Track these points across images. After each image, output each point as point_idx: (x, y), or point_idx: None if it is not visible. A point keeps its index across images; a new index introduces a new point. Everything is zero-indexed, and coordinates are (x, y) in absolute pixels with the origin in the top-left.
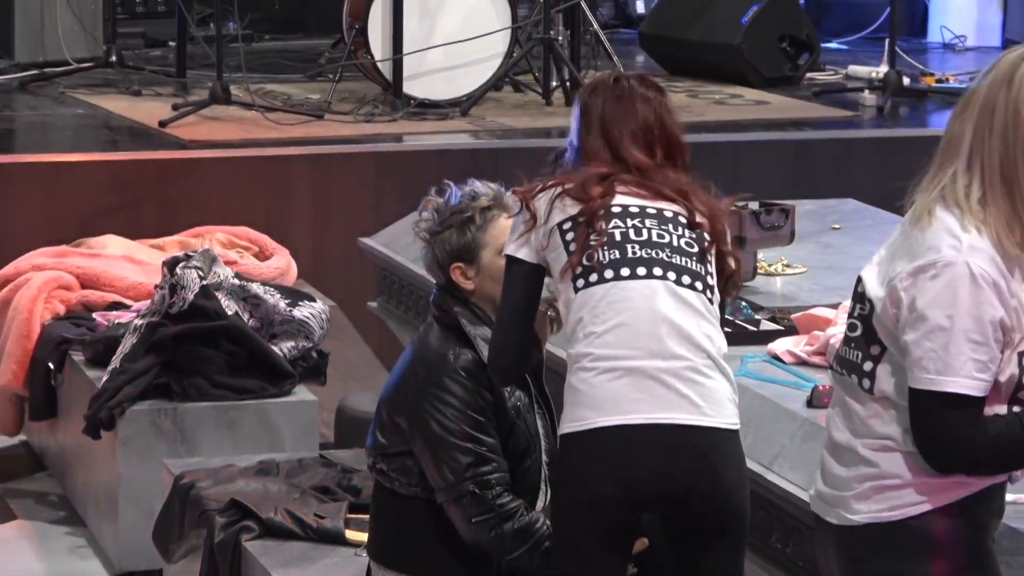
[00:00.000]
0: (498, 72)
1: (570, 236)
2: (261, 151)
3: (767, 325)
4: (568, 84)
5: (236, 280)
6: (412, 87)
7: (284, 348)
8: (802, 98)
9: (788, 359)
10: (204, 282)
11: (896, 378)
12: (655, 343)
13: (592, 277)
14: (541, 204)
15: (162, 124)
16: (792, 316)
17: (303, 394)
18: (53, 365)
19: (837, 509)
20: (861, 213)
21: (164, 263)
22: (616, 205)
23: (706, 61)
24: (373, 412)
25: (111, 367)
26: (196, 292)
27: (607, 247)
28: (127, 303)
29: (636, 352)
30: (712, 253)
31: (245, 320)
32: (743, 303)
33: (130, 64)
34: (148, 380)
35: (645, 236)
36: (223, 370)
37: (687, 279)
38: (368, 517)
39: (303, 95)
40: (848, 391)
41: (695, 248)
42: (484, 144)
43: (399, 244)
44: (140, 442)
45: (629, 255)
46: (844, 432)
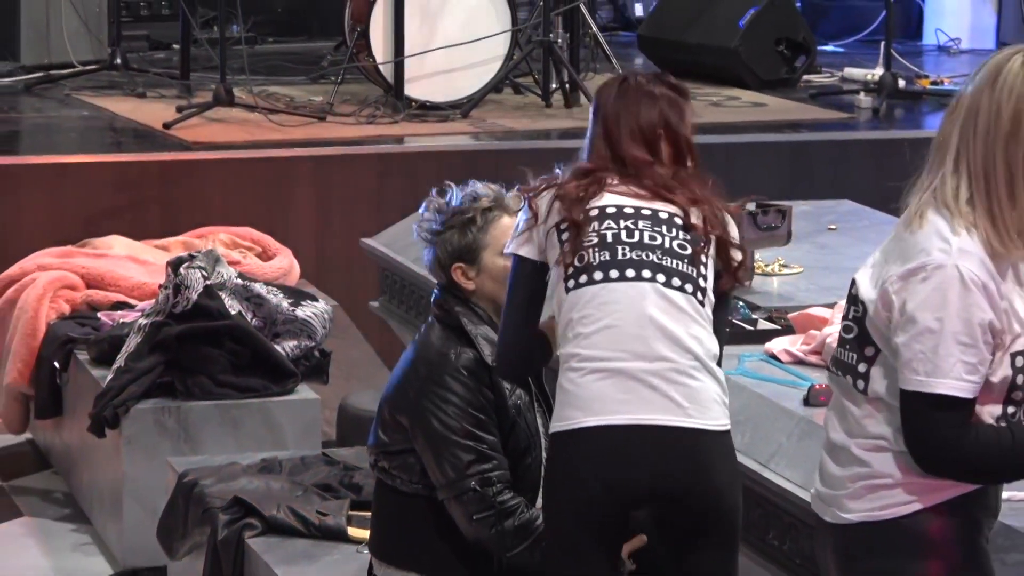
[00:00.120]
0: (498, 74)
1: (565, 236)
2: (264, 152)
3: (764, 324)
4: (567, 86)
5: (239, 280)
6: (413, 89)
7: (287, 347)
8: (799, 100)
9: (785, 358)
10: (208, 282)
11: (888, 379)
12: (640, 345)
13: (582, 278)
14: (543, 203)
15: (166, 126)
16: (789, 316)
17: (305, 393)
18: (58, 364)
19: (832, 508)
20: (857, 214)
21: (168, 263)
22: (611, 206)
23: (704, 63)
24: (375, 410)
25: (116, 366)
26: (200, 292)
27: (598, 248)
28: (132, 303)
29: (622, 354)
30: (708, 255)
31: (248, 320)
32: (740, 303)
33: (134, 66)
34: (152, 379)
35: (637, 238)
36: (226, 369)
37: (677, 281)
38: (370, 514)
39: (305, 97)
40: (844, 392)
41: (688, 250)
42: (484, 146)
43: (400, 244)
44: (144, 440)
45: (619, 257)
46: (839, 432)
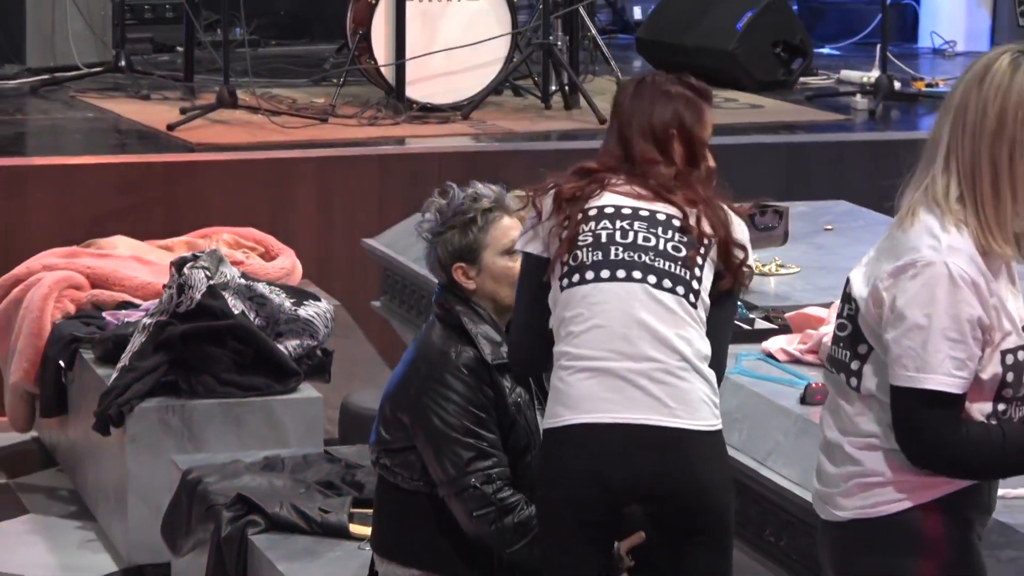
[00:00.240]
0: (498, 77)
1: (561, 235)
2: (267, 154)
3: (761, 324)
4: (567, 89)
5: (242, 280)
6: (414, 91)
7: (289, 346)
8: (795, 102)
9: (782, 357)
10: (211, 282)
11: (880, 377)
12: (627, 345)
13: (575, 277)
14: (546, 201)
15: (170, 127)
16: (786, 315)
17: (308, 391)
18: (63, 363)
19: (828, 506)
20: (853, 214)
21: (172, 263)
22: (609, 206)
23: (701, 66)
24: (376, 409)
25: (120, 365)
26: (203, 292)
27: (592, 248)
28: (136, 302)
29: (608, 353)
30: (705, 256)
31: (251, 319)
32: (738, 303)
33: (139, 69)
34: (156, 378)
35: (631, 239)
36: (230, 368)
37: (668, 283)
38: (372, 511)
39: (308, 99)
40: (838, 390)
41: (682, 252)
42: (484, 147)
43: (402, 244)
44: (148, 438)
45: (612, 257)
46: (834, 431)
